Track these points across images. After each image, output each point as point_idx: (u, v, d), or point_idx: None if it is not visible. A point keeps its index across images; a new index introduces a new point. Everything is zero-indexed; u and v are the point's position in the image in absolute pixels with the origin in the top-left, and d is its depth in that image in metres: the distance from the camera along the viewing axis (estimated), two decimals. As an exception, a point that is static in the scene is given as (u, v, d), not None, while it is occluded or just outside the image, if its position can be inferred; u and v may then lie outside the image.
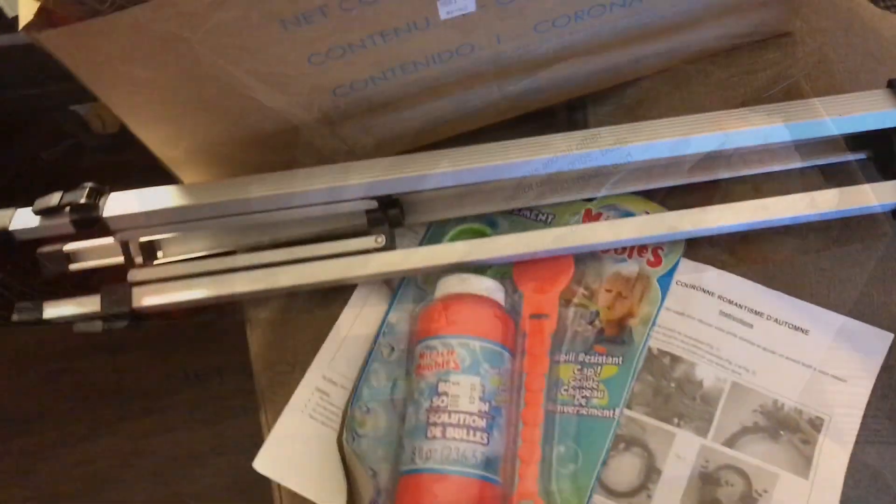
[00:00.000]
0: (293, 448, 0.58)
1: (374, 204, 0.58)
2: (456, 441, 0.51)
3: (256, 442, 0.58)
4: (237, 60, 0.51)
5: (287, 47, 0.51)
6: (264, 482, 0.58)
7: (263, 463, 0.57)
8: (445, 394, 0.52)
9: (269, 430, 0.58)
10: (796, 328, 0.57)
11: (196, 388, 1.27)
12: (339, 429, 0.57)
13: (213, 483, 1.21)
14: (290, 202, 0.57)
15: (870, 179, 0.58)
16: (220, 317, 1.23)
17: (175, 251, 0.63)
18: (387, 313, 0.60)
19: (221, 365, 1.22)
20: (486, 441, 0.52)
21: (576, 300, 0.59)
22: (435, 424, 0.52)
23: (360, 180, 0.56)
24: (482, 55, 0.57)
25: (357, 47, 0.52)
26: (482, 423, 0.52)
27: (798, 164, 0.60)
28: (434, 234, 0.63)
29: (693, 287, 0.59)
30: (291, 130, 0.59)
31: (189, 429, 1.26)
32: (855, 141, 0.59)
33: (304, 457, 0.57)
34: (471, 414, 0.52)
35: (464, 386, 0.52)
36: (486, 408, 0.52)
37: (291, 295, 0.62)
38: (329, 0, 0.47)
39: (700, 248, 0.60)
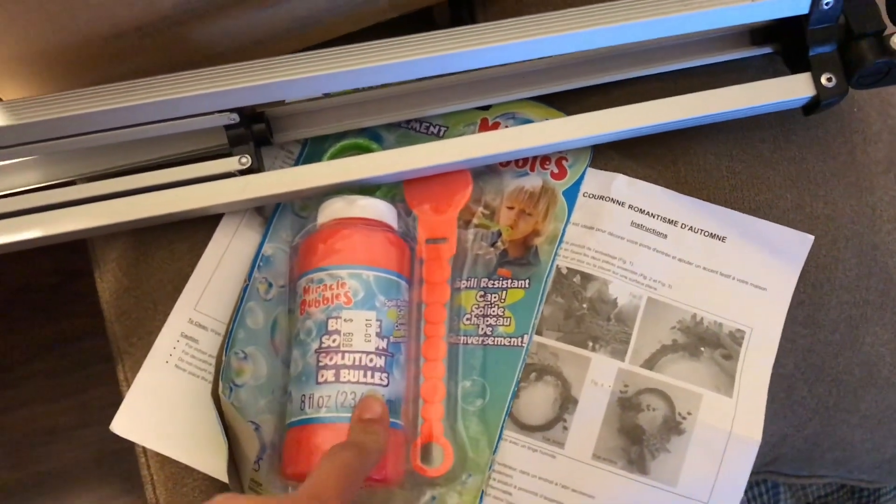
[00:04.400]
0: (158, 404, 0.50)
1: (234, 118, 0.50)
2: (351, 384, 0.44)
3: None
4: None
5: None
6: (133, 452, 0.50)
7: (123, 424, 0.49)
8: (336, 332, 0.45)
9: (128, 387, 0.50)
10: (712, 235, 0.53)
11: (54, 356, 1.15)
12: (214, 379, 0.49)
13: (76, 458, 1.10)
14: (133, 118, 0.48)
15: (777, 74, 0.54)
16: (72, 279, 1.12)
17: (-1, 185, 0.53)
18: (261, 245, 0.52)
19: (81, 328, 1.12)
20: (385, 382, 0.45)
21: (475, 220, 0.54)
22: (326, 367, 0.45)
23: (215, 88, 0.47)
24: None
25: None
26: (380, 362, 0.46)
27: (701, 61, 0.56)
28: (311, 152, 0.55)
29: (602, 198, 0.54)
30: (132, 34, 0.49)
31: (48, 401, 1.13)
32: (761, 33, 0.55)
33: (172, 414, 0.50)
34: (367, 353, 0.45)
35: (357, 322, 0.46)
36: (383, 345, 0.46)
37: (145, 230, 0.52)
38: None
39: (606, 155, 0.55)
